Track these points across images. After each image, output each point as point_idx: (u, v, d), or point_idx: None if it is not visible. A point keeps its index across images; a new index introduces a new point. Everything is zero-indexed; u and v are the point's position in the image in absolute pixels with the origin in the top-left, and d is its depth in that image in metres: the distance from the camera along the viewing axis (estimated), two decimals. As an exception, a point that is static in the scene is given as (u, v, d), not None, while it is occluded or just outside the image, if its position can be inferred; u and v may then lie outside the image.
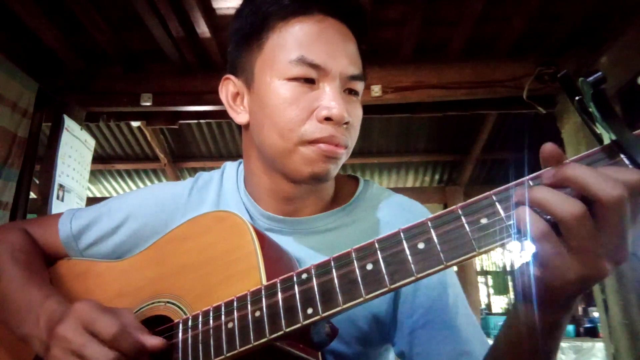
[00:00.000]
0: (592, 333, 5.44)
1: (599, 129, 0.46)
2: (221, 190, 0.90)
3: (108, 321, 0.62)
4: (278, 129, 0.73)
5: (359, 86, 0.78)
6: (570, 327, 5.61)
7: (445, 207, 5.25)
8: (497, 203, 0.49)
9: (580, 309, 5.80)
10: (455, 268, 0.52)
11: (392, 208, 0.84)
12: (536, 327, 0.54)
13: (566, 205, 0.45)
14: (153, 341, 0.64)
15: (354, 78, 0.75)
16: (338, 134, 0.72)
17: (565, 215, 0.45)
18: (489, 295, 9.31)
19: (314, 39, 0.73)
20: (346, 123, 0.73)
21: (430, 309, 0.75)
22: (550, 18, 2.47)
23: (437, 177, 5.36)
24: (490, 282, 9.48)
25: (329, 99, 0.72)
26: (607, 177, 0.44)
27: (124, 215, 0.89)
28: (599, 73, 0.43)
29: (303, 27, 0.74)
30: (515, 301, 0.56)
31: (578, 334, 5.61)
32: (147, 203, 0.89)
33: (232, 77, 0.82)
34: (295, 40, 0.73)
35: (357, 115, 0.78)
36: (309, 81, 0.73)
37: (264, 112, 0.75)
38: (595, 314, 5.37)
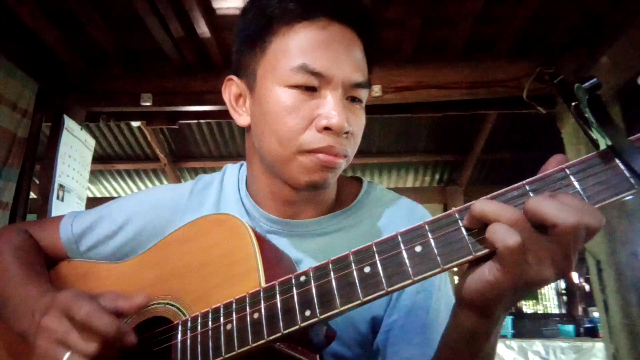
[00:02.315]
0: (592, 333, 5.45)
1: (595, 134, 0.47)
2: (221, 192, 0.90)
3: (82, 303, 0.62)
4: (277, 136, 0.72)
5: (363, 94, 0.76)
6: (570, 327, 5.62)
7: (445, 207, 5.26)
8: None
9: (580, 309, 5.81)
10: (455, 268, 0.52)
11: (394, 211, 0.84)
12: (476, 330, 0.55)
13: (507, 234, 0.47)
14: (135, 300, 0.65)
15: (357, 86, 0.74)
16: (337, 144, 0.71)
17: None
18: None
19: (317, 46, 0.71)
20: (346, 133, 0.72)
21: (410, 312, 0.75)
22: (550, 18, 2.48)
23: (437, 177, 5.36)
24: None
25: (329, 108, 0.70)
26: (566, 205, 0.46)
27: (124, 218, 0.89)
28: (594, 79, 0.43)
29: (307, 34, 0.72)
30: (457, 305, 0.57)
31: (578, 334, 5.62)
32: (147, 206, 0.90)
33: (235, 78, 0.82)
34: (298, 47, 0.72)
35: (359, 123, 0.76)
36: (311, 89, 0.72)
37: (264, 118, 0.74)
38: (595, 314, 5.37)
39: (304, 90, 0.71)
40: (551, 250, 0.48)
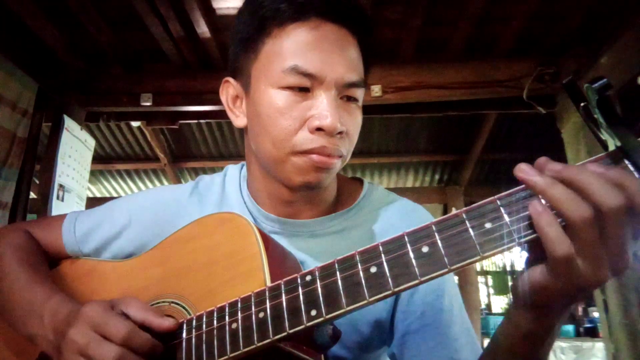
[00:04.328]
0: (592, 333, 5.44)
1: (604, 135, 0.46)
2: (223, 192, 0.90)
3: (118, 323, 0.63)
4: (271, 137, 0.72)
5: (358, 93, 0.75)
6: (570, 327, 5.61)
7: (446, 207, 5.26)
8: (501, 208, 0.50)
9: (580, 309, 5.80)
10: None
11: (395, 212, 0.84)
12: (533, 332, 0.54)
13: (578, 207, 0.45)
14: (165, 324, 0.65)
15: (352, 85, 0.73)
16: (330, 145, 0.71)
17: (575, 218, 0.45)
18: (489, 295, 9.32)
19: (309, 47, 0.71)
20: (340, 133, 0.71)
21: (424, 315, 0.75)
22: (550, 18, 2.48)
23: (437, 177, 5.36)
24: (490, 282, 9.49)
25: (322, 108, 0.70)
26: (610, 185, 0.44)
27: (126, 219, 0.89)
28: (605, 80, 0.43)
29: (299, 34, 0.72)
30: (513, 305, 0.56)
31: (578, 334, 5.61)
32: (149, 206, 0.90)
33: (231, 79, 0.82)
34: (289, 48, 0.71)
35: (354, 123, 0.76)
36: (303, 90, 0.71)
37: (258, 119, 0.74)
38: (595, 314, 5.37)
39: (296, 92, 0.71)
40: (605, 247, 0.45)
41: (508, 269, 9.37)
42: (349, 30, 0.75)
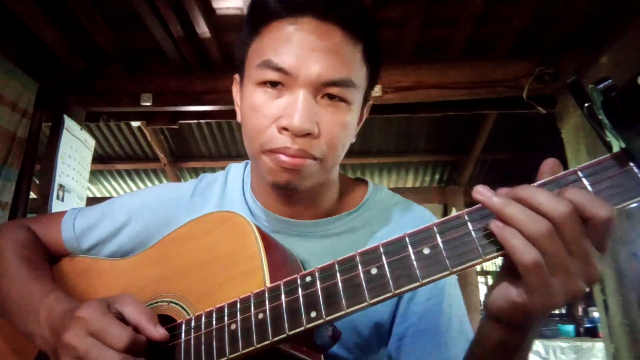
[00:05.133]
0: (592, 333, 5.45)
1: (608, 137, 0.46)
2: (225, 191, 0.89)
3: (118, 332, 0.61)
4: (246, 134, 0.74)
5: (345, 92, 0.70)
6: (570, 327, 5.62)
7: (446, 207, 5.25)
8: None
9: (580, 309, 5.81)
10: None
11: (401, 214, 0.83)
12: (506, 343, 0.55)
13: (533, 221, 0.46)
14: (156, 334, 0.64)
15: (333, 84, 0.69)
16: (295, 145, 0.68)
17: (534, 232, 0.46)
18: (488, 295, 9.29)
19: (284, 42, 0.69)
20: (309, 134, 0.68)
21: (423, 319, 0.75)
22: (550, 18, 2.47)
23: (437, 177, 5.36)
24: (490, 282, 9.48)
25: (290, 107, 0.68)
26: (554, 195, 0.46)
27: (126, 216, 0.89)
28: (609, 81, 0.42)
29: (279, 30, 0.70)
30: (486, 318, 0.56)
31: (578, 334, 5.62)
32: (150, 204, 0.89)
33: (237, 77, 0.82)
34: (268, 44, 0.70)
35: (336, 123, 0.70)
36: (277, 86, 0.69)
37: (242, 115, 0.76)
38: (595, 314, 5.37)
39: (271, 88, 0.70)
40: (572, 258, 0.46)
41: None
42: (344, 29, 0.71)
